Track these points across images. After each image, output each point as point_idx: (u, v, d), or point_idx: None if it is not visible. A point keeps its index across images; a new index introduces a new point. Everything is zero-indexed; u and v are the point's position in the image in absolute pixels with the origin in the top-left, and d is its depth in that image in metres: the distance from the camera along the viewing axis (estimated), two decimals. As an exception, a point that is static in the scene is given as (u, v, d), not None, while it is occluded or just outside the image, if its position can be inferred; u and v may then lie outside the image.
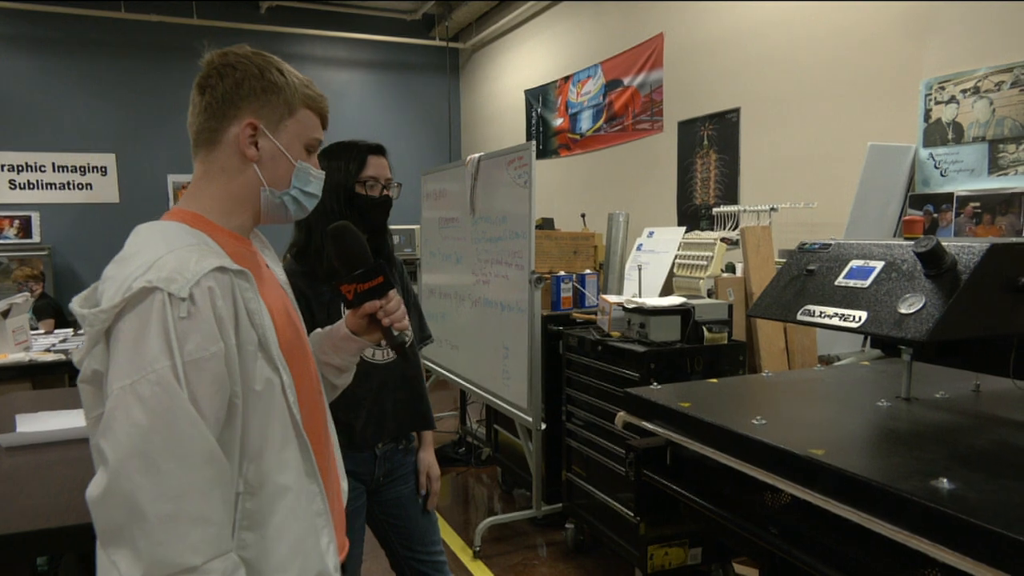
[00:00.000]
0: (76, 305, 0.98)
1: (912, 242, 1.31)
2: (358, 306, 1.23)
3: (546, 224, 4.78)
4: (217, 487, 0.93)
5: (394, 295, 1.25)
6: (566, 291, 3.65)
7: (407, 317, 1.29)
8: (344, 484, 1.29)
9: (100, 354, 0.94)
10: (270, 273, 1.18)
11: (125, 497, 0.88)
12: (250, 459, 1.01)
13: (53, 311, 5.56)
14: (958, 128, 3.15)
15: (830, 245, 1.53)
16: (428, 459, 2.02)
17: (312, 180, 1.15)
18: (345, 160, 1.82)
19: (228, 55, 1.09)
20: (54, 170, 7.15)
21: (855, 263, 1.42)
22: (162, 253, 0.96)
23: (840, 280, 1.42)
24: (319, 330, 1.34)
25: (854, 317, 1.32)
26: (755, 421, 1.52)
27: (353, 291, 1.22)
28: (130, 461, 0.88)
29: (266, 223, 1.16)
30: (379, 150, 1.87)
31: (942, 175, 3.22)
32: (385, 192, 1.85)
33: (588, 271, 3.89)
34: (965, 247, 1.26)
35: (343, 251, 1.24)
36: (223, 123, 1.07)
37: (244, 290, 1.01)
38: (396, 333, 1.25)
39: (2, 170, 6.97)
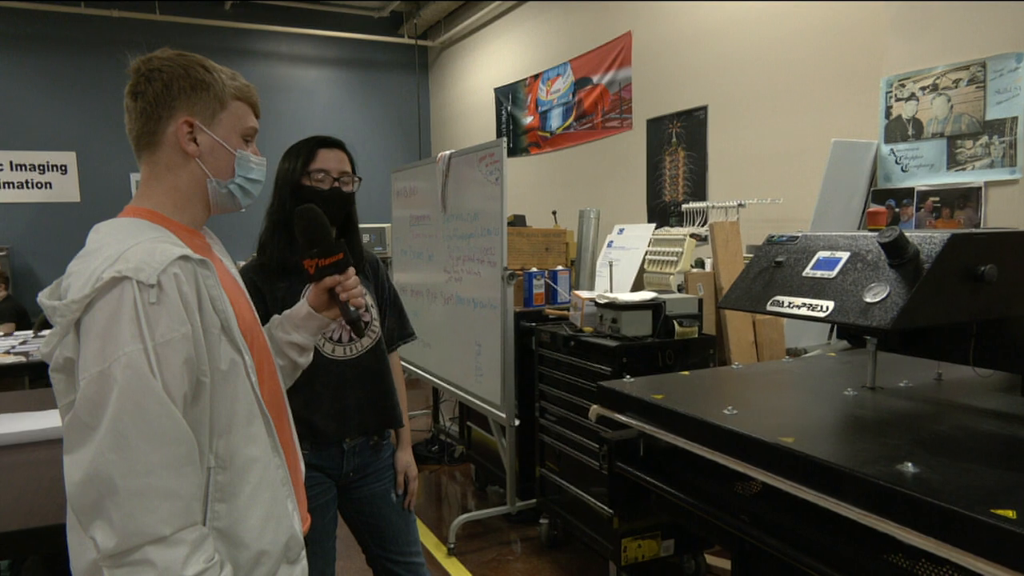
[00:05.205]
0: (44, 298, 1.02)
1: (876, 233, 1.35)
2: (319, 280, 1.33)
3: (517, 221, 4.79)
4: (186, 464, 0.98)
5: (352, 273, 1.35)
6: (538, 287, 3.66)
7: (365, 295, 1.35)
8: (301, 464, 1.35)
9: (71, 343, 0.98)
10: (222, 264, 1.26)
11: (100, 474, 0.93)
12: (219, 435, 1.07)
13: (15, 313, 5.41)
14: (918, 124, 3.23)
15: (797, 237, 1.56)
16: (405, 458, 2.01)
17: (253, 167, 1.21)
18: (294, 155, 1.81)
19: (152, 60, 1.14)
20: (12, 169, 6.97)
21: (822, 254, 1.45)
22: (128, 245, 1.01)
23: (808, 271, 1.45)
24: (277, 315, 1.42)
25: (822, 307, 1.35)
26: (727, 411, 1.54)
27: (315, 266, 1.33)
28: (104, 440, 0.93)
29: (218, 213, 1.23)
30: (330, 143, 1.83)
31: (903, 170, 3.30)
32: (336, 185, 1.80)
33: (560, 267, 3.90)
34: (927, 237, 1.30)
35: (304, 229, 1.33)
36: (160, 124, 1.12)
37: (206, 278, 1.07)
38: (352, 309, 1.35)
39: (-43, 169, 6.79)
